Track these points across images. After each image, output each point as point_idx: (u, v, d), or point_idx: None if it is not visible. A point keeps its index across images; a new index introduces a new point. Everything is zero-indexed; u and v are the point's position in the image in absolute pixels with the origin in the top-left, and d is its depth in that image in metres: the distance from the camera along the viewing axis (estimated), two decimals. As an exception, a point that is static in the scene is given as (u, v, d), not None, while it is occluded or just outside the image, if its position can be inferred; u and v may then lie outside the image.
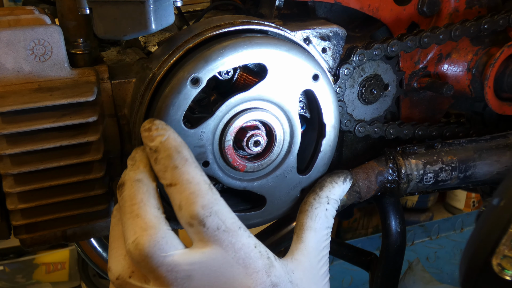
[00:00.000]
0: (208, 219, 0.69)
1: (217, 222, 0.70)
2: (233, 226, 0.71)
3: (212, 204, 0.70)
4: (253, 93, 0.83)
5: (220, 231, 0.70)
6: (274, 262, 0.74)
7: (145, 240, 0.68)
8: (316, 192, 0.86)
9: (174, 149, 0.71)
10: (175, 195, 0.70)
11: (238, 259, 0.71)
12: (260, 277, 0.72)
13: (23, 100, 0.77)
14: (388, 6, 1.02)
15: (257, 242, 0.73)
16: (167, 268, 0.68)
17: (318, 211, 0.83)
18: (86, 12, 0.78)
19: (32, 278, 3.05)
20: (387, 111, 1.07)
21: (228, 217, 0.71)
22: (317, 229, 0.82)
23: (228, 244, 0.70)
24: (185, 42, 0.83)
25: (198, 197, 0.70)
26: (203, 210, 0.69)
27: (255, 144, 0.85)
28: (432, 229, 2.11)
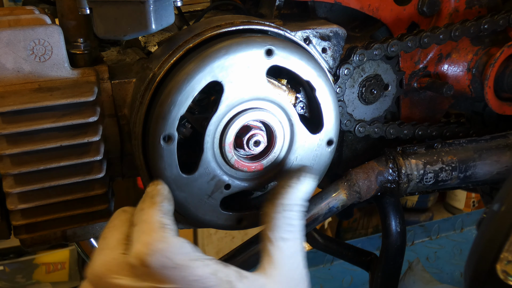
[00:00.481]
0: (149, 258, 0.68)
1: (162, 261, 0.68)
2: (184, 261, 0.68)
3: (156, 242, 0.68)
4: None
5: (168, 269, 0.68)
6: (237, 284, 0.71)
7: (99, 260, 0.71)
8: (271, 201, 0.80)
9: (149, 194, 0.75)
10: (133, 235, 0.71)
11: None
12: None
13: (23, 100, 0.77)
14: (388, 6, 1.02)
15: (215, 268, 0.70)
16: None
17: (276, 221, 0.77)
18: (86, 12, 0.78)
19: (32, 278, 3.05)
20: (387, 111, 1.07)
21: (178, 253, 0.69)
22: (278, 239, 0.77)
23: (179, 279, 0.68)
24: (185, 42, 0.83)
25: (144, 235, 0.69)
26: (145, 249, 0.68)
27: (255, 144, 0.85)
28: (432, 229, 2.11)
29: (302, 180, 0.80)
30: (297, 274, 0.78)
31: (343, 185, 1.01)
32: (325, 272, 1.86)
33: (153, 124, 0.81)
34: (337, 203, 1.01)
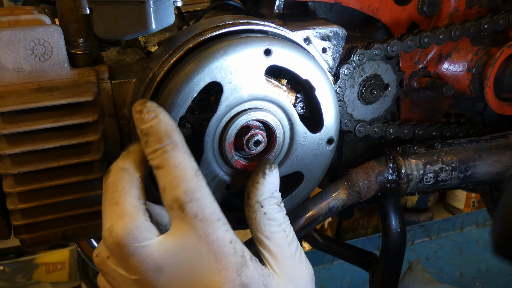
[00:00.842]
0: (187, 204, 0.68)
1: (196, 210, 0.69)
2: (212, 217, 0.69)
3: (195, 191, 0.69)
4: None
5: (197, 219, 0.69)
6: (249, 262, 0.72)
7: (120, 228, 0.68)
8: (246, 203, 0.81)
9: (165, 132, 0.70)
10: (161, 177, 0.70)
11: (210, 251, 0.69)
12: (230, 275, 0.70)
13: (23, 100, 0.77)
14: (388, 6, 1.02)
15: (234, 238, 0.71)
16: (138, 259, 0.68)
17: (258, 220, 0.78)
18: (86, 12, 0.78)
19: (32, 278, 3.05)
20: (387, 111, 1.07)
21: (209, 206, 0.70)
22: (268, 236, 0.78)
23: (202, 234, 0.69)
24: (185, 42, 0.83)
25: (182, 182, 0.69)
26: (185, 195, 0.69)
27: (256, 144, 0.85)
28: (432, 229, 2.11)
29: (267, 173, 0.81)
30: (300, 268, 0.78)
31: (343, 185, 1.02)
32: (325, 272, 1.86)
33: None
34: (337, 203, 1.01)
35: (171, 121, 0.71)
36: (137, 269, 0.69)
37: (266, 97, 0.85)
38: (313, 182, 0.94)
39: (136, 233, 0.68)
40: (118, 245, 0.68)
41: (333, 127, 0.91)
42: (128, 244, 0.68)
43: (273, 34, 0.88)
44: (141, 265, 0.68)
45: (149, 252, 0.68)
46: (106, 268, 0.73)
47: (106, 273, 0.74)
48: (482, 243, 2.04)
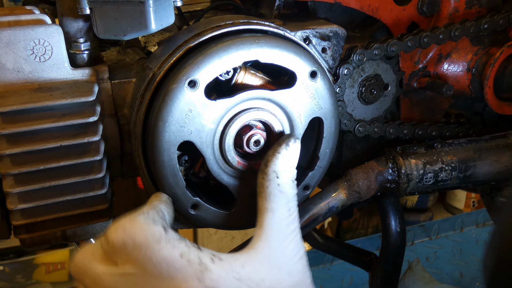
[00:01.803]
0: (112, 235, 0.69)
1: (122, 239, 0.68)
2: (147, 242, 0.68)
3: (124, 222, 0.70)
4: (255, 93, 0.84)
5: (129, 248, 0.68)
6: (210, 266, 0.70)
7: (80, 252, 0.73)
8: (262, 171, 0.79)
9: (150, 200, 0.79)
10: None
11: (161, 272, 0.68)
12: (191, 285, 0.68)
13: (23, 100, 0.77)
14: (388, 6, 1.02)
15: (185, 250, 0.69)
16: (92, 279, 0.70)
17: (270, 189, 0.77)
18: (86, 12, 0.78)
19: (32, 278, 3.05)
20: (387, 111, 1.07)
21: (141, 233, 0.69)
22: (274, 208, 0.76)
23: (143, 259, 0.68)
24: (185, 42, 0.83)
25: (120, 220, 0.71)
26: (112, 227, 0.70)
27: (256, 144, 0.85)
28: (432, 229, 2.11)
29: (290, 145, 0.80)
30: (289, 248, 0.76)
31: (343, 185, 1.01)
32: (325, 272, 1.86)
33: (153, 124, 0.81)
34: (337, 203, 1.01)
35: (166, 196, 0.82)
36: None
37: (265, 97, 0.85)
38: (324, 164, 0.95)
39: (90, 255, 0.72)
40: (75, 265, 0.73)
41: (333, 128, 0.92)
42: (81, 264, 0.72)
43: (273, 34, 0.88)
44: (95, 285, 0.70)
45: (101, 274, 0.70)
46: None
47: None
48: (482, 243, 2.04)
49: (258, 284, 0.72)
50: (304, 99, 0.86)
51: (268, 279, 0.73)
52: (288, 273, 0.75)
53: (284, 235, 0.76)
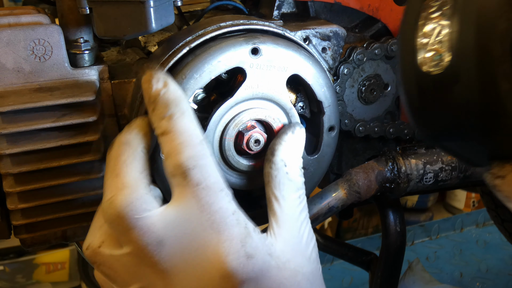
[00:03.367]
0: (191, 171, 0.66)
1: (198, 177, 0.67)
2: (215, 186, 0.67)
3: (199, 158, 0.67)
4: (235, 100, 0.84)
5: (200, 188, 0.66)
6: (252, 233, 0.69)
7: (120, 199, 0.66)
8: (269, 160, 0.78)
9: (173, 100, 0.69)
10: (165, 144, 0.68)
11: (213, 222, 0.67)
12: (234, 246, 0.67)
13: (23, 100, 0.77)
14: (388, 6, 1.02)
15: (237, 209, 0.69)
16: (139, 232, 0.66)
17: (279, 178, 0.76)
18: (86, 12, 0.78)
19: (32, 278, 3.06)
20: (387, 111, 1.07)
21: (212, 175, 0.68)
22: (285, 196, 0.75)
23: (205, 204, 0.66)
24: (185, 43, 0.84)
25: (187, 148, 0.67)
26: (188, 161, 0.67)
27: (256, 143, 0.85)
28: (432, 229, 2.11)
29: (296, 133, 0.79)
30: (304, 235, 0.75)
31: (343, 185, 1.01)
32: (325, 272, 1.85)
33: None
34: (337, 203, 1.01)
35: (180, 91, 0.70)
36: (138, 243, 0.66)
37: (265, 96, 0.85)
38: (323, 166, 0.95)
39: (137, 205, 0.66)
40: (118, 216, 0.66)
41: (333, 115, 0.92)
42: (128, 216, 0.66)
43: (273, 34, 0.88)
44: (142, 238, 0.66)
45: (150, 224, 0.66)
46: (100, 258, 0.71)
47: (101, 263, 0.71)
48: (482, 243, 2.05)
49: (284, 264, 0.71)
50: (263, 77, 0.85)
51: (293, 261, 0.72)
52: (307, 259, 0.74)
53: (300, 222, 0.75)
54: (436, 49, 0.56)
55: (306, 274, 0.73)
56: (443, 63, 0.55)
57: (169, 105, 0.69)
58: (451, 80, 0.55)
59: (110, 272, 0.71)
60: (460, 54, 0.54)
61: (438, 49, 0.56)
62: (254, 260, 0.67)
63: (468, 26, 0.53)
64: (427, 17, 0.57)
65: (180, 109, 0.69)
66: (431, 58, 0.57)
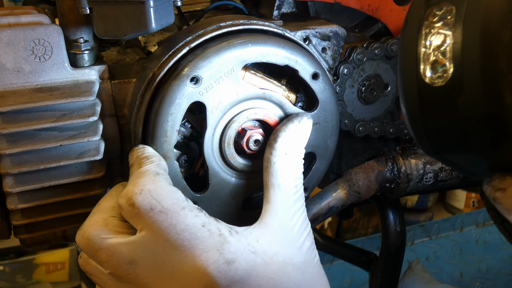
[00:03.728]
0: (137, 197, 0.66)
1: (149, 202, 0.66)
2: (173, 207, 0.67)
3: (146, 183, 0.67)
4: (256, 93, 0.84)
5: (155, 212, 0.66)
6: (229, 238, 0.68)
7: (88, 224, 0.71)
8: (271, 146, 0.77)
9: (144, 156, 0.76)
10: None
11: (183, 241, 0.66)
12: (211, 257, 0.66)
13: (23, 100, 0.77)
14: (388, 6, 1.02)
15: (206, 220, 0.68)
16: (107, 252, 0.68)
17: (278, 165, 0.75)
18: (86, 12, 0.78)
19: (32, 278, 3.05)
20: (387, 111, 1.07)
21: (167, 197, 0.67)
22: (281, 184, 0.75)
23: (167, 226, 0.66)
24: (185, 42, 0.84)
25: (133, 178, 0.69)
26: (134, 188, 0.67)
27: (256, 143, 0.85)
28: (432, 229, 2.11)
29: (302, 123, 0.78)
30: (297, 225, 0.75)
31: (343, 185, 1.01)
32: (325, 272, 1.86)
33: (153, 124, 0.81)
34: (337, 202, 1.01)
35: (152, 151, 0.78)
36: (109, 263, 0.68)
37: (264, 96, 0.85)
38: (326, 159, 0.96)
39: (102, 226, 0.69)
40: (87, 239, 0.69)
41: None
42: (93, 238, 0.69)
43: (273, 34, 0.88)
44: (111, 258, 0.68)
45: (116, 245, 0.67)
46: (89, 268, 0.73)
47: (91, 274, 0.73)
48: (482, 243, 2.04)
49: (272, 258, 0.71)
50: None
51: (281, 253, 0.72)
52: (298, 249, 0.74)
53: (293, 211, 0.75)
54: (440, 60, 0.55)
55: (296, 264, 0.73)
56: (447, 75, 0.54)
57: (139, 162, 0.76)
58: (455, 92, 0.54)
59: (100, 282, 0.73)
60: (464, 65, 0.53)
61: (442, 60, 0.55)
62: (236, 263, 0.67)
63: (472, 36, 0.52)
64: (430, 26, 0.56)
65: (150, 161, 0.75)
66: (434, 69, 0.56)
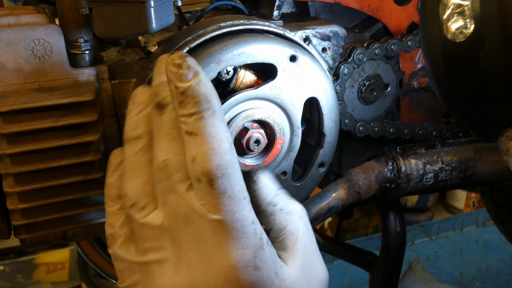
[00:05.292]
0: (218, 180, 0.65)
1: (225, 186, 0.66)
2: (239, 194, 0.67)
3: (228, 166, 0.66)
4: (256, 93, 0.84)
5: (225, 196, 0.66)
6: (265, 246, 0.69)
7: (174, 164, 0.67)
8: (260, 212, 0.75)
9: (204, 96, 0.65)
10: (192, 145, 0.66)
11: (233, 229, 0.66)
12: (246, 255, 0.67)
13: (23, 100, 0.77)
14: (388, 6, 1.02)
15: (255, 218, 0.69)
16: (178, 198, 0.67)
17: (278, 218, 0.74)
18: (86, 12, 0.78)
19: (32, 278, 3.05)
20: (387, 111, 1.07)
21: (238, 183, 0.67)
22: (292, 229, 0.74)
23: (228, 211, 0.66)
24: (185, 42, 0.83)
25: (216, 155, 0.65)
26: (217, 170, 0.65)
27: (256, 143, 0.85)
28: (432, 229, 2.11)
29: (261, 176, 0.77)
30: (317, 260, 0.77)
31: (343, 185, 1.01)
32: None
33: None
34: (337, 203, 1.01)
35: (211, 84, 0.66)
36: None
37: (265, 96, 0.85)
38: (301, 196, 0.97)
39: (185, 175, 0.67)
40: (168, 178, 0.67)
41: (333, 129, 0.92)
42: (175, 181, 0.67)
43: (273, 34, 0.88)
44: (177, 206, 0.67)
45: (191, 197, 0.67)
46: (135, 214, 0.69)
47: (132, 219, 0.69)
48: (482, 243, 2.05)
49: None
50: (290, 85, 0.86)
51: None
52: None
53: (309, 252, 0.75)
54: (460, 17, 0.61)
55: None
56: (468, 31, 0.61)
57: (199, 101, 0.65)
58: (476, 46, 0.60)
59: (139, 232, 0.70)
60: (484, 22, 0.59)
61: (462, 17, 0.61)
62: (260, 272, 0.68)
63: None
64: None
65: (212, 108, 0.65)
66: (455, 27, 0.62)
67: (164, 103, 0.68)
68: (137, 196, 0.69)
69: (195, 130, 0.65)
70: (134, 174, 0.71)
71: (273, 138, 0.88)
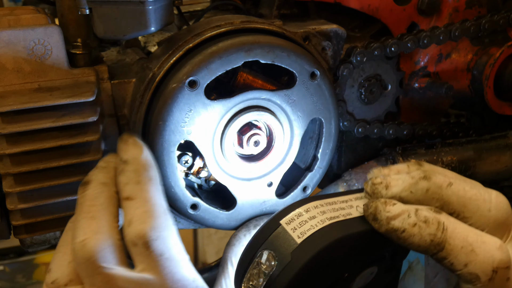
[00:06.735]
0: (154, 243, 0.68)
1: (161, 248, 0.68)
2: (177, 256, 0.69)
3: (162, 229, 0.69)
4: (255, 93, 0.84)
5: (163, 258, 0.68)
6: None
7: (93, 244, 0.67)
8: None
9: (143, 166, 0.72)
10: (129, 209, 0.69)
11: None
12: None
13: (23, 100, 0.77)
14: (388, 6, 1.02)
15: (196, 276, 0.71)
16: (104, 279, 0.67)
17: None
18: (86, 12, 0.78)
19: (32, 278, 3.05)
20: (387, 111, 1.07)
21: (174, 245, 0.69)
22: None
23: (168, 273, 0.68)
24: (185, 42, 0.84)
25: (151, 218, 0.68)
26: (151, 232, 0.68)
27: (255, 144, 0.85)
28: (432, 229, 2.11)
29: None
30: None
31: (343, 185, 1.02)
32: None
33: (153, 124, 0.81)
34: (337, 203, 1.01)
35: (150, 156, 0.73)
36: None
37: (265, 97, 0.85)
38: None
39: (107, 252, 0.67)
40: (88, 260, 0.67)
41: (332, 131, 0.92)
42: (98, 262, 0.67)
43: (273, 33, 0.88)
44: (105, 286, 0.67)
45: (115, 275, 0.67)
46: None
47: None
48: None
49: None
50: (303, 99, 0.87)
51: None
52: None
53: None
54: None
55: None
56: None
57: (138, 169, 0.71)
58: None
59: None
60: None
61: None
62: None
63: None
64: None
65: (148, 176, 0.71)
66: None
67: (88, 180, 0.73)
68: (58, 273, 0.70)
69: (132, 195, 0.70)
70: (63, 249, 0.72)
71: (270, 145, 0.88)
